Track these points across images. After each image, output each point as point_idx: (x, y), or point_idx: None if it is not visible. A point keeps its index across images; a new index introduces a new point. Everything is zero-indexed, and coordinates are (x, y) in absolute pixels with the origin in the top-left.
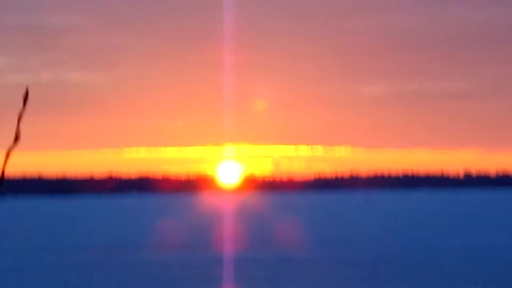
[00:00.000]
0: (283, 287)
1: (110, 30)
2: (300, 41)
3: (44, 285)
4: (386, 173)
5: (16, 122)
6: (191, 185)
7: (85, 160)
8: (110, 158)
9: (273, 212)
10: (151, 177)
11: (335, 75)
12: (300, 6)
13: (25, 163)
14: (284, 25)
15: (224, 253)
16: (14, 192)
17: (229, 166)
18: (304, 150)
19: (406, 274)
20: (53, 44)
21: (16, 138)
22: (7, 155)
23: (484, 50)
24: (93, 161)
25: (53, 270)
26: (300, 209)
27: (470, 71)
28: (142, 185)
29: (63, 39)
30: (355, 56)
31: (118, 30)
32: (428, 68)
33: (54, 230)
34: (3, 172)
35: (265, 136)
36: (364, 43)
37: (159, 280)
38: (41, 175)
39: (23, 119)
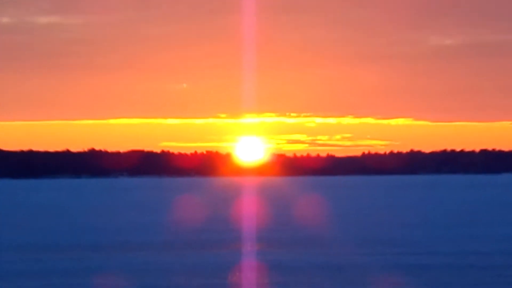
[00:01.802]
0: None
1: None
2: None
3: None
4: (457, 152)
5: None
6: (199, 167)
7: (58, 134)
8: (92, 131)
9: (312, 203)
10: (146, 156)
11: (392, 22)
12: None
13: None
14: None
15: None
16: None
17: (250, 143)
18: (348, 122)
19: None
20: None
21: None
22: None
23: None
24: (69, 136)
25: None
26: (347, 198)
27: None
28: (135, 167)
29: None
30: None
31: None
32: None
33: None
34: None
35: (297, 104)
36: None
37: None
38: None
39: None
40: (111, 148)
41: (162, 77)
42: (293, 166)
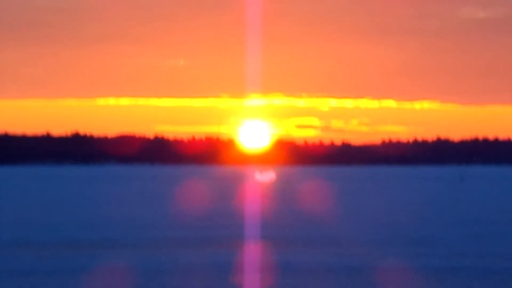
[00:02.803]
0: None
1: None
2: None
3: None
4: (490, 140)
5: None
6: (198, 154)
7: (38, 115)
8: (76, 112)
9: (324, 197)
10: (137, 141)
11: None
12: None
13: None
14: None
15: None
16: None
17: (256, 127)
18: (366, 105)
19: None
20: None
21: None
22: None
23: None
24: (50, 117)
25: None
26: (364, 191)
27: None
28: (124, 153)
29: None
30: None
31: None
32: None
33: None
34: None
35: (309, 84)
36: None
37: None
38: None
39: None
40: (97, 132)
41: (156, 52)
42: (304, 154)
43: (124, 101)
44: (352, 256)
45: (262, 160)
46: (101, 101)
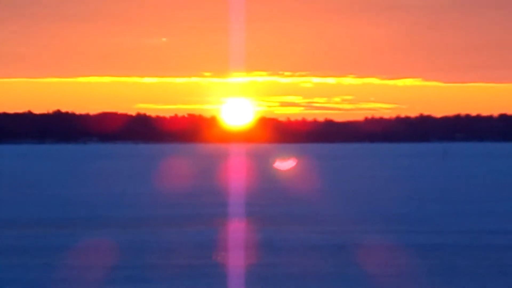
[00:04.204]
0: None
1: None
2: None
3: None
4: (472, 117)
5: None
6: (180, 132)
7: (19, 94)
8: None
9: (307, 175)
10: (119, 119)
11: None
12: None
13: None
14: None
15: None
16: None
17: (238, 105)
18: (350, 83)
19: None
20: None
21: None
22: None
23: None
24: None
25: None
26: (347, 168)
27: None
28: (106, 131)
29: None
30: None
31: None
32: None
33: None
34: None
35: (292, 62)
36: None
37: None
38: None
39: None
40: (79, 110)
41: (138, 30)
42: (287, 132)
43: (106, 79)
44: (334, 233)
45: (245, 138)
46: (83, 79)
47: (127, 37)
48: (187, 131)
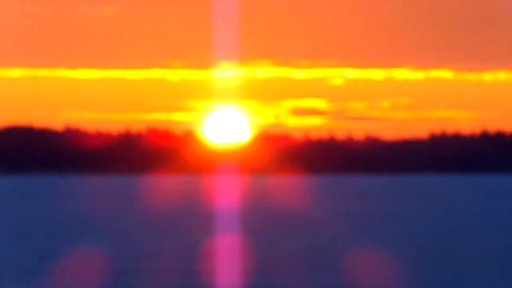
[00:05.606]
0: None
1: None
2: None
3: None
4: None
5: None
6: (133, 157)
7: None
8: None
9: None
10: (31, 136)
11: None
12: None
13: None
14: None
15: None
16: None
17: (227, 111)
18: (405, 77)
19: None
20: None
21: None
22: None
23: None
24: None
25: None
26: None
27: None
28: (15, 156)
29: None
30: None
31: None
32: None
33: None
34: None
35: (311, 46)
36: None
37: None
38: None
39: None
40: None
41: None
42: (305, 156)
43: (13, 73)
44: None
45: (238, 166)
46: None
47: (43, 3)
48: (144, 155)
